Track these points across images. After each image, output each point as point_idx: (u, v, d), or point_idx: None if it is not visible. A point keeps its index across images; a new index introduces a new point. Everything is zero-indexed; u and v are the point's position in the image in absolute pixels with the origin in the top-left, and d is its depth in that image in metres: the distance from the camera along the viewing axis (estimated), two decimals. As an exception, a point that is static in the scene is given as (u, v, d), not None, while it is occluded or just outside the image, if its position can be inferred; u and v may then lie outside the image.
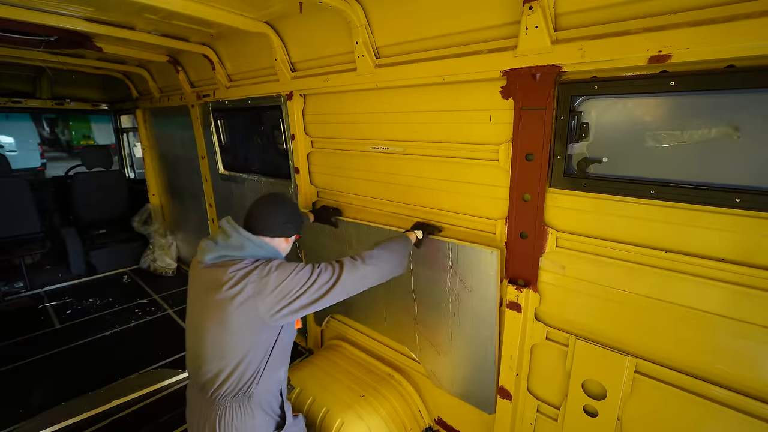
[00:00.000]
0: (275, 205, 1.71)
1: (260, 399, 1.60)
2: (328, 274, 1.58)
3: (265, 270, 1.50)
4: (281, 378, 1.71)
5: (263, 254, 1.62)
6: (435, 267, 2.17)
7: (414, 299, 2.38)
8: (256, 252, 1.60)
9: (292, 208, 1.77)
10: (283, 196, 1.80)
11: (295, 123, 2.81)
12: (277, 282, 1.48)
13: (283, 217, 1.69)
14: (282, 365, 1.70)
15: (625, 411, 1.65)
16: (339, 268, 1.61)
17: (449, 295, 2.16)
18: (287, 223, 1.71)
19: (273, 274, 1.49)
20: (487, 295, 1.97)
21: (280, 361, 1.67)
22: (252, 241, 1.60)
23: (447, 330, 2.24)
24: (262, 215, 1.68)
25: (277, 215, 1.68)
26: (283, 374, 1.72)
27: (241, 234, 1.60)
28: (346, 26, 2.14)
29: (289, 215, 1.72)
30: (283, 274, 1.50)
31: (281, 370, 1.69)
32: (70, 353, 3.61)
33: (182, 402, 1.79)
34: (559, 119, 1.57)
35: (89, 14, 2.60)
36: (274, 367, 1.63)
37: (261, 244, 1.62)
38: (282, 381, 1.72)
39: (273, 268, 1.51)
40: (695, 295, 1.41)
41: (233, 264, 1.53)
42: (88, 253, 5.35)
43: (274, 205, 1.71)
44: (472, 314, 2.07)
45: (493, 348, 2.02)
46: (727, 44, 1.14)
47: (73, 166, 5.85)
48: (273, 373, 1.63)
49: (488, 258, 1.91)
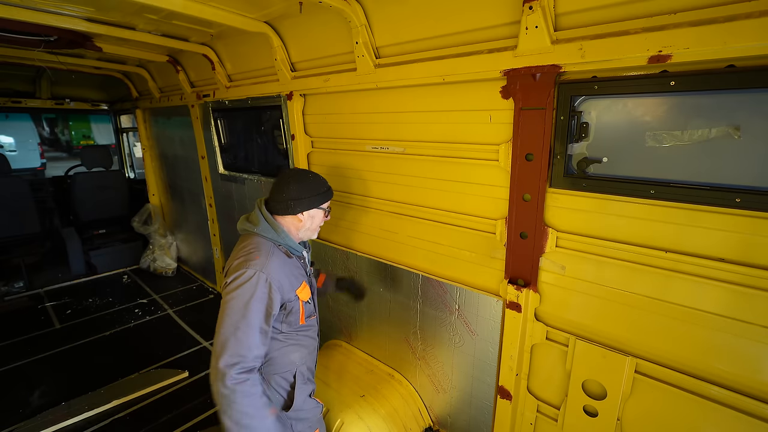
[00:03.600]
0: (281, 180, 1.70)
1: (270, 377, 1.64)
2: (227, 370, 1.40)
3: (227, 283, 1.50)
4: (295, 362, 1.70)
5: (271, 236, 1.63)
6: (441, 308, 2.23)
7: (418, 336, 2.42)
8: (266, 232, 1.63)
9: (301, 183, 1.70)
10: (295, 171, 1.77)
11: (295, 123, 2.81)
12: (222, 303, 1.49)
13: (289, 194, 1.66)
14: (295, 351, 1.69)
15: (625, 411, 1.65)
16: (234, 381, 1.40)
17: (453, 336, 2.21)
18: (292, 200, 1.66)
19: (226, 292, 1.49)
20: (490, 339, 2.03)
21: (293, 346, 1.68)
22: (265, 219, 1.64)
23: (449, 370, 2.29)
24: (271, 191, 1.69)
25: (285, 192, 1.66)
26: (297, 359, 1.70)
27: (260, 211, 1.66)
28: (346, 26, 2.14)
29: (298, 191, 1.67)
30: (225, 302, 1.47)
31: (293, 354, 1.68)
32: (70, 353, 3.61)
33: (182, 402, 1.79)
34: (559, 119, 1.57)
35: (89, 14, 2.60)
36: (286, 350, 1.65)
37: (272, 224, 1.64)
38: (297, 365, 1.70)
39: (229, 288, 1.48)
40: (695, 295, 1.41)
41: (246, 240, 1.62)
42: (88, 253, 5.35)
43: (280, 180, 1.70)
44: (475, 357, 2.12)
45: (492, 393, 2.08)
46: (727, 44, 1.14)
47: (72, 166, 5.85)
48: (284, 356, 1.65)
49: (494, 306, 1.97)
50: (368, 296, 2.71)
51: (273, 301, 1.51)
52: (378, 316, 2.68)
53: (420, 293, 2.34)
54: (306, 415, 1.73)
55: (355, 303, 2.57)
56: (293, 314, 1.64)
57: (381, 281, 2.57)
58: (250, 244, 1.59)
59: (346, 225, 2.79)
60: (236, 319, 1.43)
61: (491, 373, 2.06)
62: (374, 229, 2.58)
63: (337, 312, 3.02)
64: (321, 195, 1.75)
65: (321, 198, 1.75)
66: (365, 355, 2.84)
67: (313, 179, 1.76)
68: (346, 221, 2.78)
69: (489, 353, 2.05)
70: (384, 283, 2.56)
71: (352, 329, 2.95)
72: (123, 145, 6.54)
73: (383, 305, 2.62)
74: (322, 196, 1.76)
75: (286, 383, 1.69)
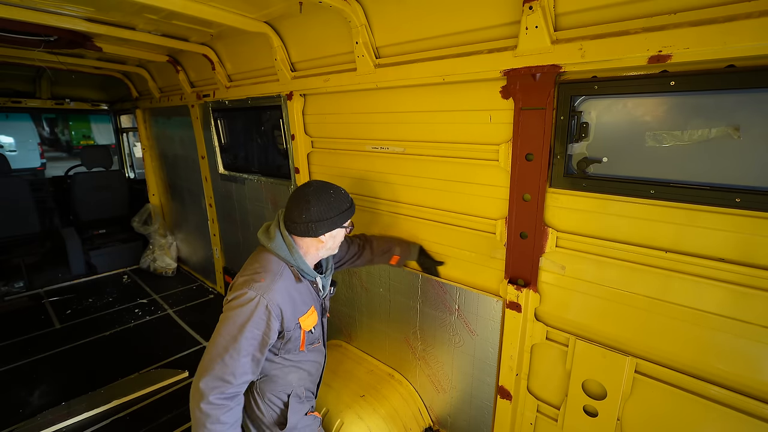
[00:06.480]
0: (300, 199, 1.53)
1: (264, 392, 1.63)
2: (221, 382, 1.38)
3: (228, 300, 1.46)
4: (291, 383, 1.67)
5: (284, 255, 1.54)
6: (441, 308, 2.24)
7: (418, 336, 2.43)
8: (279, 250, 1.53)
9: (323, 204, 1.53)
10: (314, 188, 1.57)
11: (295, 123, 2.81)
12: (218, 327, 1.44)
13: (309, 215, 1.50)
14: (293, 372, 1.66)
15: (625, 411, 1.65)
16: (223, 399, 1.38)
17: (453, 337, 2.21)
18: (312, 222, 1.51)
19: (225, 309, 1.45)
20: (490, 339, 2.03)
21: (291, 368, 1.65)
22: (282, 236, 1.54)
23: (448, 370, 2.29)
24: (289, 210, 1.55)
25: (304, 212, 1.51)
26: (295, 380, 1.67)
27: (277, 226, 1.57)
28: (346, 26, 2.14)
29: (319, 212, 1.51)
30: (222, 319, 1.42)
31: (291, 375, 1.66)
32: (70, 353, 3.61)
33: (182, 402, 1.79)
34: (559, 119, 1.57)
35: (89, 14, 2.60)
36: (284, 371, 1.64)
37: (287, 242, 1.53)
38: (294, 387, 1.68)
39: (228, 306, 1.44)
40: (695, 295, 1.41)
41: (258, 255, 1.56)
42: (88, 253, 5.35)
43: (299, 199, 1.54)
44: (475, 357, 2.12)
45: (492, 393, 2.09)
46: (727, 44, 1.14)
47: (72, 166, 5.85)
48: (281, 377, 1.64)
49: (494, 306, 1.97)
50: (368, 296, 2.71)
51: (270, 329, 1.44)
52: (378, 316, 2.68)
53: (420, 293, 2.34)
54: (304, 429, 1.72)
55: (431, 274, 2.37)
56: (292, 342, 1.58)
57: (381, 281, 2.57)
58: (259, 262, 1.52)
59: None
60: (227, 341, 1.36)
61: (491, 373, 2.06)
62: (374, 229, 2.58)
63: (337, 312, 3.02)
64: (344, 213, 1.59)
65: (344, 217, 1.59)
66: (365, 355, 2.84)
67: (335, 196, 1.58)
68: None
69: (489, 353, 2.05)
70: (384, 283, 2.56)
71: (352, 329, 2.95)
72: (123, 145, 6.54)
73: (383, 305, 2.62)
74: (346, 214, 1.60)
75: (280, 402, 1.66)
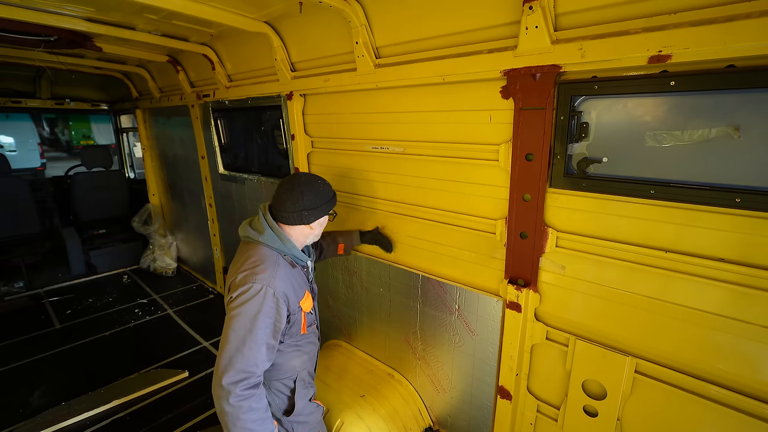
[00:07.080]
0: (293, 190, 1.63)
1: (270, 382, 1.64)
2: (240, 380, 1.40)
3: (232, 298, 1.47)
4: (296, 368, 1.70)
5: (277, 246, 1.61)
6: (441, 308, 2.23)
7: (418, 336, 2.43)
8: (271, 241, 1.60)
9: (314, 193, 1.66)
10: (304, 179, 1.69)
11: (295, 123, 2.81)
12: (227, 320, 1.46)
13: (303, 204, 1.61)
14: (296, 357, 1.69)
15: (625, 411, 1.65)
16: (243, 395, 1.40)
17: (453, 336, 2.21)
18: (306, 210, 1.62)
19: (231, 307, 1.45)
20: (490, 339, 2.03)
21: (295, 352, 1.68)
22: (271, 228, 1.61)
23: (448, 370, 2.29)
24: (280, 201, 1.63)
25: (298, 202, 1.61)
26: (298, 364, 1.70)
27: (264, 219, 1.63)
28: (346, 26, 2.14)
29: (312, 200, 1.63)
30: (231, 317, 1.44)
31: (295, 360, 1.69)
32: (70, 353, 3.61)
33: (182, 402, 1.79)
34: (559, 119, 1.57)
35: (89, 14, 2.59)
36: (288, 356, 1.65)
37: (278, 233, 1.61)
38: (298, 371, 1.71)
39: (235, 303, 1.45)
40: (695, 295, 1.41)
41: (249, 250, 1.58)
42: (88, 253, 5.35)
43: (291, 190, 1.63)
44: (475, 357, 2.12)
45: (492, 393, 2.09)
46: (727, 44, 1.14)
47: (72, 166, 5.85)
48: (286, 362, 1.65)
49: (494, 306, 1.97)
50: (368, 296, 2.71)
51: (281, 315, 1.51)
52: (378, 316, 2.68)
53: (420, 293, 2.34)
54: (306, 419, 1.74)
55: (387, 254, 2.49)
56: (296, 325, 1.64)
57: (381, 281, 2.57)
58: (255, 255, 1.56)
59: (346, 225, 2.78)
60: (243, 334, 1.40)
61: (491, 373, 2.06)
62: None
63: (337, 312, 3.03)
64: (330, 201, 1.74)
65: (330, 204, 1.74)
66: (365, 355, 2.84)
67: (323, 186, 1.73)
68: (346, 221, 2.78)
69: (489, 353, 2.05)
70: (384, 283, 2.56)
71: (352, 329, 2.95)
72: (123, 145, 6.54)
73: (383, 305, 2.62)
74: (332, 201, 1.75)
75: (287, 389, 1.69)
